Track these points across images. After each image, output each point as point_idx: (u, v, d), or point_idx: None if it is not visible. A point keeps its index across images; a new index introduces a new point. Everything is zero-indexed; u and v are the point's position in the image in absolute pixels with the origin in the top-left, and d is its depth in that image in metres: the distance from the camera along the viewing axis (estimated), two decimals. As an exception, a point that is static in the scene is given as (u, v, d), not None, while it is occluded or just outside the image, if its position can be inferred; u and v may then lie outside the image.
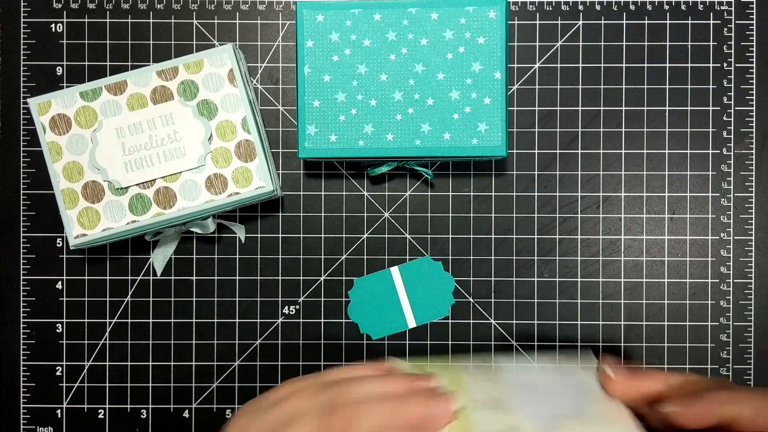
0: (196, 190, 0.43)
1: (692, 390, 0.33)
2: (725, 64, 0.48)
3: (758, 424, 0.30)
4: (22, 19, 0.48)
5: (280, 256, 0.48)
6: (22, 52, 0.48)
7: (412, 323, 0.48)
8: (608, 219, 0.48)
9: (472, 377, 0.35)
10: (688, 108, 0.48)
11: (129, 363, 0.48)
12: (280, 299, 0.48)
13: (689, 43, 0.48)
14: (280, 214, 0.48)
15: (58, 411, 0.48)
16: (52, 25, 0.48)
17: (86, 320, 0.48)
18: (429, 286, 0.48)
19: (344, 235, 0.48)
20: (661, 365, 0.48)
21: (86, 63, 0.48)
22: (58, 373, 0.48)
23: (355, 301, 0.48)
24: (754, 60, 0.48)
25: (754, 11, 0.48)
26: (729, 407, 0.31)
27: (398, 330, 0.48)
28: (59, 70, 0.48)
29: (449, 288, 0.48)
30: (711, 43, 0.48)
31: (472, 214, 0.48)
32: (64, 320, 0.48)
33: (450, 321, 0.48)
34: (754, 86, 0.48)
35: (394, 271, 0.48)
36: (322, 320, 0.48)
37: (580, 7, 0.48)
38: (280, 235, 0.48)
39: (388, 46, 0.43)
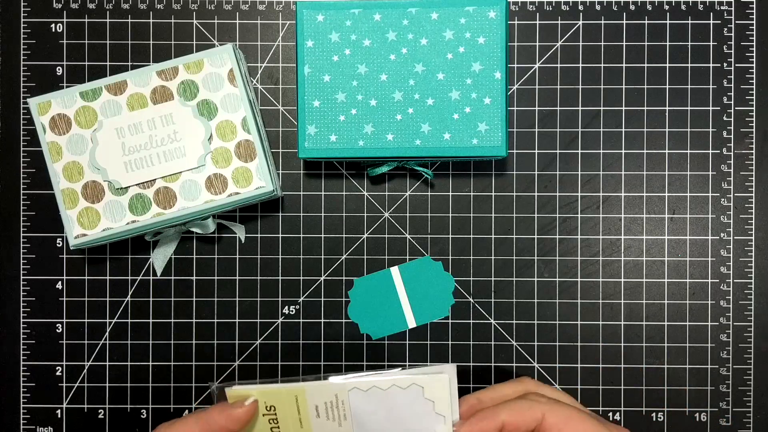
0: (196, 190, 0.43)
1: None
2: (725, 64, 0.48)
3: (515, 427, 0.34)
4: (22, 19, 0.48)
5: (280, 256, 0.48)
6: (22, 52, 0.48)
7: (412, 323, 0.48)
8: (608, 219, 0.48)
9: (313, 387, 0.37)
10: (688, 108, 0.48)
11: (129, 363, 0.48)
12: (280, 299, 0.48)
13: (689, 43, 0.48)
14: (280, 214, 0.48)
15: (58, 411, 0.48)
16: (52, 25, 0.48)
17: (86, 320, 0.48)
18: (429, 286, 0.48)
19: (344, 235, 0.48)
20: (661, 365, 0.48)
21: (86, 63, 0.48)
22: (58, 373, 0.48)
23: (355, 301, 0.48)
24: (754, 60, 0.48)
25: (754, 11, 0.48)
26: (494, 417, 0.35)
27: (398, 330, 0.48)
28: (59, 70, 0.48)
29: (449, 288, 0.48)
30: (711, 43, 0.48)
31: (472, 214, 0.48)
32: (64, 320, 0.48)
33: (450, 321, 0.48)
34: (754, 86, 0.48)
35: (394, 271, 0.48)
36: (322, 320, 0.48)
37: (580, 7, 0.48)
38: (280, 235, 0.48)
39: (388, 46, 0.43)
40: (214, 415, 0.35)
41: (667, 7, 0.48)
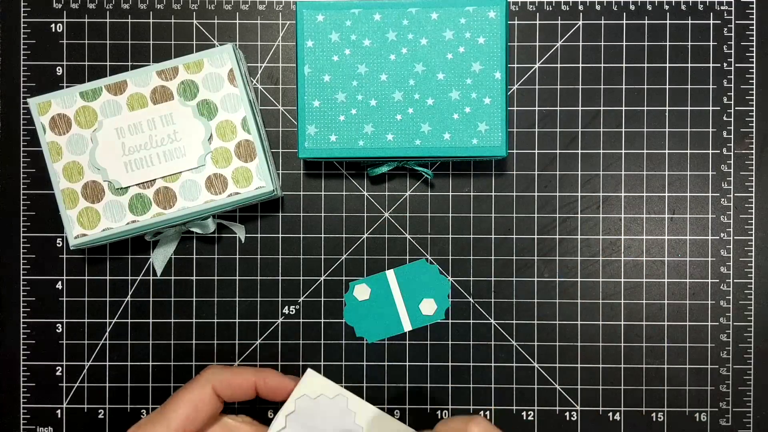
0: (196, 190, 0.43)
1: None
2: (725, 64, 0.48)
3: None
4: (22, 19, 0.48)
5: (280, 256, 0.48)
6: (22, 52, 0.48)
7: (408, 327, 0.48)
8: (608, 219, 0.48)
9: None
10: (688, 108, 0.48)
11: (129, 363, 0.48)
12: (280, 299, 0.48)
13: (689, 43, 0.48)
14: (280, 214, 0.48)
15: (58, 411, 0.48)
16: (52, 25, 0.48)
17: (86, 320, 0.48)
18: (425, 289, 0.48)
19: (344, 235, 0.48)
20: (661, 365, 0.48)
21: (86, 63, 0.48)
22: (58, 373, 0.48)
23: (351, 305, 0.48)
24: (754, 60, 0.48)
25: (754, 11, 0.48)
26: None
27: (394, 333, 0.48)
28: (59, 70, 0.48)
29: (445, 291, 0.48)
30: (711, 43, 0.48)
31: (472, 214, 0.48)
32: (64, 320, 0.48)
33: (450, 321, 0.48)
34: (754, 86, 0.48)
35: (390, 274, 0.48)
36: (322, 320, 0.48)
37: (580, 7, 0.48)
38: (280, 235, 0.48)
39: (388, 46, 0.43)
40: (270, 375, 0.39)
41: (667, 7, 0.48)
